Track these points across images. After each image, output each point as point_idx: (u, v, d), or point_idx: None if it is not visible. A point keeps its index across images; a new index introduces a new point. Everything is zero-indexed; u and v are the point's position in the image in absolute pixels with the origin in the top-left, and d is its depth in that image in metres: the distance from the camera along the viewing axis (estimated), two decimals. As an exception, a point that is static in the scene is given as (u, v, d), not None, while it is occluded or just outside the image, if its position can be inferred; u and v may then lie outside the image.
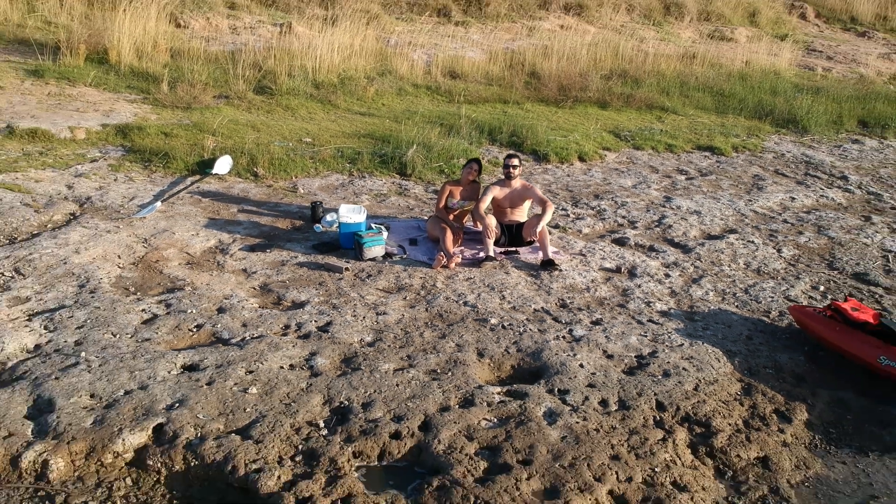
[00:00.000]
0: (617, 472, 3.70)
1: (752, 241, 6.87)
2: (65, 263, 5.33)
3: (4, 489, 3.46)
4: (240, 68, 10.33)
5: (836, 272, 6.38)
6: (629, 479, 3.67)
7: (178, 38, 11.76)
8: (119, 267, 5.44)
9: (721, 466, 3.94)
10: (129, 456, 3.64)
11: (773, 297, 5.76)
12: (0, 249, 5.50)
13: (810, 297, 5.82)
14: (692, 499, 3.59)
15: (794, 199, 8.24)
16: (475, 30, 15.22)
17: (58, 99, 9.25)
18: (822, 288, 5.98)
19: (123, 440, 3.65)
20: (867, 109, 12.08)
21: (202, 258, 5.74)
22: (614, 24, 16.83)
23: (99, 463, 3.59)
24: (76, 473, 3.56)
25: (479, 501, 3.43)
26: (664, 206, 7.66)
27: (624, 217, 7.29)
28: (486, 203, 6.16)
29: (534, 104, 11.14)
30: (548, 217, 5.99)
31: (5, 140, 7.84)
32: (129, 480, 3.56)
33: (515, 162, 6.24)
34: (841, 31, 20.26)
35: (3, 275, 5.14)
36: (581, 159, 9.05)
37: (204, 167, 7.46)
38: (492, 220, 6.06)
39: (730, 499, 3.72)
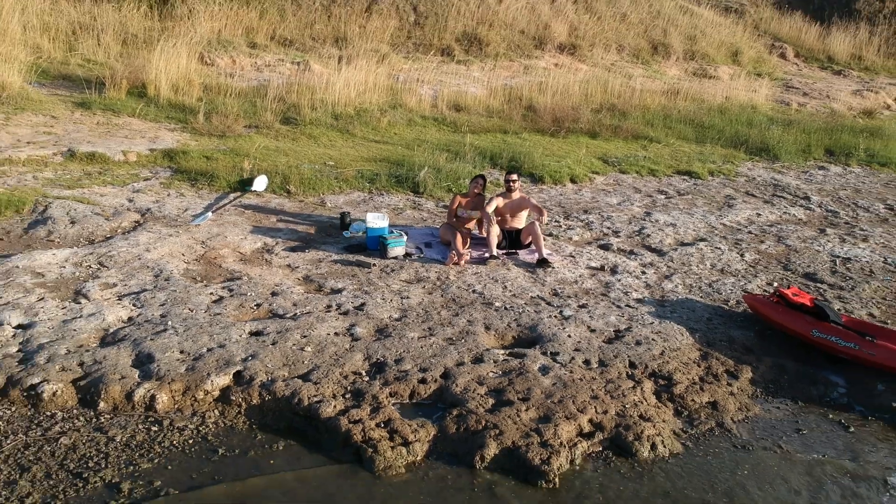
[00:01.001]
0: (595, 407, 4.75)
1: (719, 248, 7.97)
2: (139, 259, 6.41)
3: (122, 416, 4.50)
4: (267, 102, 11.52)
5: (789, 272, 7.46)
6: (605, 412, 4.72)
7: (206, 75, 12.98)
8: (185, 262, 6.52)
9: (679, 408, 4.98)
10: (216, 393, 4.68)
11: (732, 290, 6.84)
12: (83, 248, 6.59)
13: (764, 290, 6.90)
14: (654, 426, 4.63)
15: (759, 214, 9.36)
16: (476, 68, 16.48)
17: (106, 127, 10.41)
18: (775, 284, 7.05)
19: (211, 382, 4.70)
20: (834, 139, 13.27)
21: (252, 256, 6.83)
22: (605, 62, 18.13)
23: (193, 398, 4.64)
24: (176, 406, 4.60)
25: (488, 424, 4.47)
26: (644, 220, 8.76)
27: (609, 228, 8.40)
28: (491, 208, 7.28)
29: (530, 134, 12.31)
30: (545, 218, 7.11)
31: (68, 162, 8.97)
32: (216, 411, 4.60)
33: (514, 177, 7.38)
34: (818, 69, 21.61)
35: (90, 267, 6.22)
36: (572, 181, 10.18)
37: (244, 185, 8.58)
38: (495, 227, 7.17)
39: (684, 429, 4.77)
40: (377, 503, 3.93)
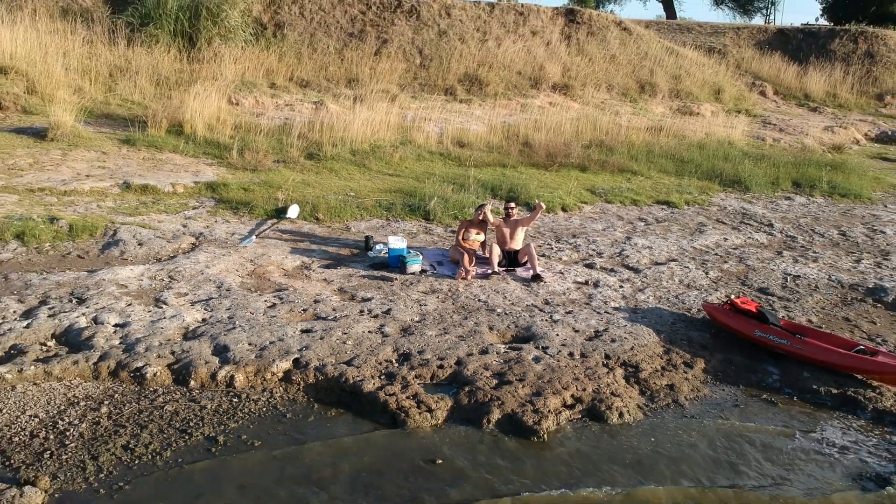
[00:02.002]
0: (576, 386, 6.06)
1: (688, 267, 9.33)
2: (202, 273, 7.76)
3: (209, 391, 5.80)
4: (292, 139, 12.95)
5: (745, 287, 8.81)
6: (584, 390, 6.04)
7: (234, 114, 14.42)
8: (239, 276, 7.86)
9: (643, 388, 6.29)
10: (280, 374, 6.00)
11: (694, 301, 8.19)
12: (154, 265, 7.93)
13: (721, 300, 8.24)
14: (622, 401, 5.94)
15: (726, 239, 10.73)
16: (477, 106, 17.98)
17: (152, 162, 11.81)
18: (732, 296, 8.39)
19: (276, 365, 6.02)
20: (801, 173, 14.70)
21: (294, 272, 8.18)
22: (596, 100, 19.66)
23: (262, 378, 5.95)
24: (250, 384, 5.91)
25: (493, 397, 5.78)
26: (625, 243, 10.13)
27: (593, 250, 9.76)
28: (494, 223, 8.72)
29: (526, 168, 13.72)
30: (538, 214, 8.67)
31: (124, 193, 10.35)
32: (281, 388, 5.91)
33: (512, 204, 8.79)
34: (796, 106, 23.19)
35: (163, 280, 7.55)
36: (563, 210, 11.57)
37: (279, 213, 9.94)
38: (496, 248, 8.53)
39: (646, 404, 6.08)
40: (411, 452, 5.22)
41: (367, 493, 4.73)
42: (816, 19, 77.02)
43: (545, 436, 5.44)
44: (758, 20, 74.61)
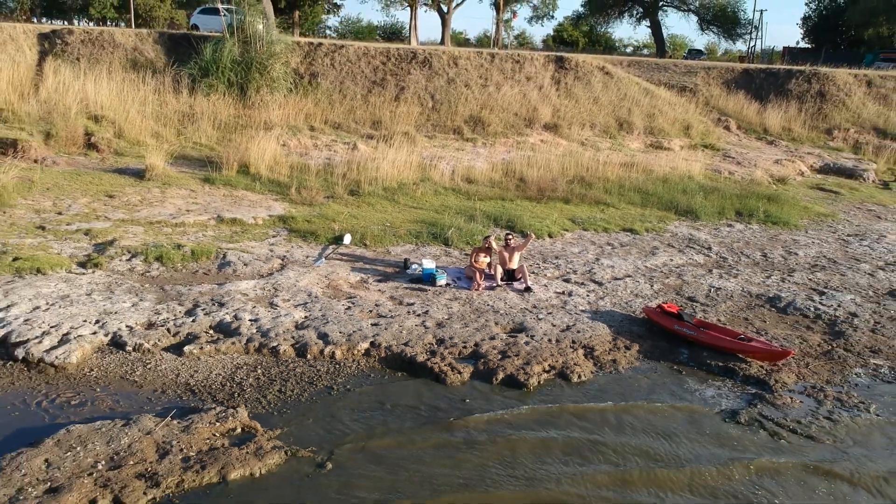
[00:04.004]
0: (552, 359, 9.47)
1: (639, 281, 12.77)
2: (295, 286, 11.19)
3: (319, 361, 9.23)
4: (335, 178, 16.40)
5: (679, 296, 12.25)
6: (557, 361, 9.45)
7: (285, 154, 17.88)
8: (320, 288, 11.30)
9: (595, 361, 9.70)
10: (362, 351, 9.41)
11: (638, 306, 11.62)
12: (260, 280, 11.36)
13: (655, 306, 11.66)
14: (581, 368, 9.36)
15: (672, 259, 14.19)
16: (480, 144, 21.46)
17: (232, 199, 15.26)
18: (663, 303, 11.81)
19: (359, 346, 9.44)
20: (743, 203, 18.18)
21: (356, 284, 11.62)
22: (580, 137, 23.16)
23: (352, 354, 9.37)
24: (344, 357, 9.33)
25: (498, 365, 9.18)
26: (594, 263, 13.58)
27: (570, 268, 13.22)
28: (497, 250, 12.14)
29: (521, 200, 17.19)
30: (529, 242, 12.03)
31: (219, 224, 13.78)
32: (364, 359, 9.32)
33: (511, 236, 12.24)
34: (755, 139, 26.71)
35: (269, 290, 10.98)
36: (549, 236, 15.02)
37: (336, 240, 13.38)
38: (499, 268, 11.98)
39: (596, 371, 9.49)
40: (451, 397, 8.63)
41: (425, 416, 8.15)
42: (797, 42, 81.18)
43: (531, 388, 8.86)
44: (741, 45, 78.54)
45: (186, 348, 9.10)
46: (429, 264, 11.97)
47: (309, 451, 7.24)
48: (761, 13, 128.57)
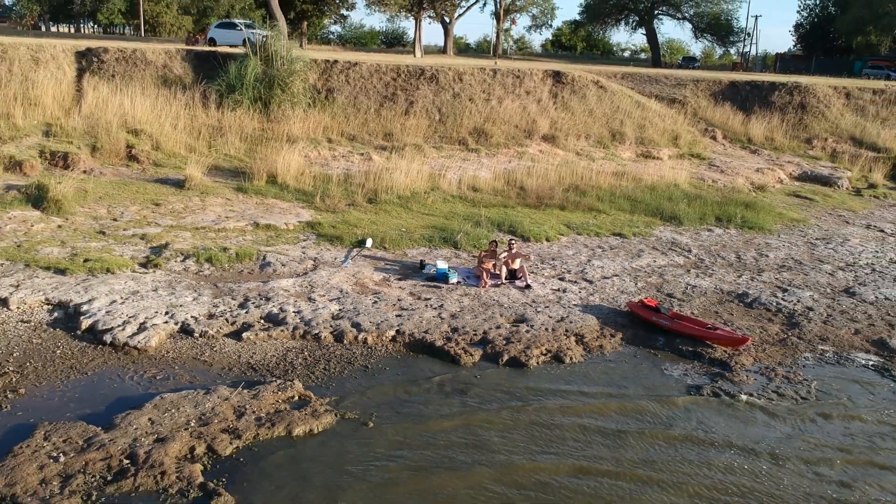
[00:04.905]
0: (548, 344, 11.32)
1: (624, 280, 14.63)
2: (328, 283, 13.04)
3: (353, 345, 11.08)
4: (354, 187, 18.25)
5: (659, 293, 14.11)
6: (553, 346, 11.30)
7: (307, 165, 19.72)
8: (349, 285, 13.14)
9: (585, 346, 11.54)
10: (390, 337, 11.25)
11: (623, 301, 13.47)
12: (297, 278, 13.20)
13: (637, 300, 13.51)
14: (573, 351, 11.21)
15: (655, 261, 16.04)
16: (484, 154, 23.32)
17: (263, 206, 17.10)
18: (644, 298, 13.65)
19: (387, 333, 11.29)
20: (723, 210, 20.02)
21: (380, 283, 13.47)
22: (576, 148, 25.01)
23: (381, 339, 11.21)
24: (375, 342, 11.17)
25: (504, 349, 11.03)
26: (586, 264, 15.43)
27: (565, 269, 15.07)
28: (501, 256, 13.98)
29: (522, 208, 19.02)
30: (525, 260, 13.79)
31: (255, 229, 15.63)
32: (391, 344, 11.16)
33: (514, 242, 14.10)
34: (740, 148, 28.55)
35: (306, 287, 12.83)
36: (547, 240, 16.87)
37: (360, 243, 15.22)
38: (504, 268, 13.84)
39: (585, 354, 11.34)
40: (466, 374, 10.47)
41: (444, 387, 9.99)
42: (789, 50, 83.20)
43: (531, 366, 10.71)
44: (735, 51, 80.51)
45: (244, 334, 10.95)
46: (442, 265, 13.81)
47: (354, 413, 9.09)
48: (756, 19, 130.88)
